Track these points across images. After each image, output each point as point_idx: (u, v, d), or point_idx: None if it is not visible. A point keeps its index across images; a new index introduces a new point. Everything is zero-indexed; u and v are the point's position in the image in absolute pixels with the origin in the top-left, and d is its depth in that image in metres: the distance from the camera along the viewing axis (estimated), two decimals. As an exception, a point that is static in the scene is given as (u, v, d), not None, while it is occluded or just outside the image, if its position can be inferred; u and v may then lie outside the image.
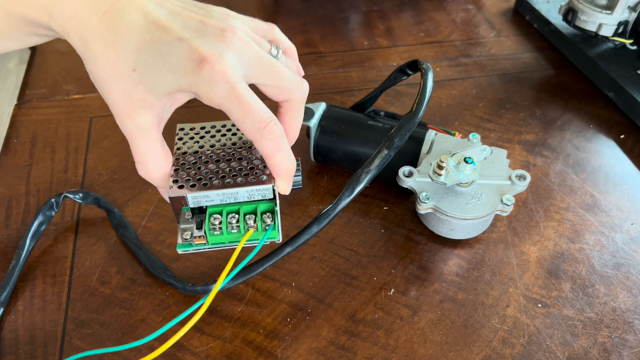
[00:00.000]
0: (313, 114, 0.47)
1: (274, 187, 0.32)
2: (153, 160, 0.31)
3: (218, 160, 0.33)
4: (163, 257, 0.43)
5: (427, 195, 0.42)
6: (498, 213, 0.42)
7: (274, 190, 0.32)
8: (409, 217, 0.47)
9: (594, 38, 0.63)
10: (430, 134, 0.46)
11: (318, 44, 0.67)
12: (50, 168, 0.50)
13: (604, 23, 0.60)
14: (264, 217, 0.33)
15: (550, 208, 0.48)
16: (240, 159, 0.33)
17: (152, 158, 0.31)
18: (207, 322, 0.39)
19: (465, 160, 0.42)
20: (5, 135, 0.54)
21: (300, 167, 0.34)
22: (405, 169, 0.43)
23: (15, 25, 0.33)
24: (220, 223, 0.32)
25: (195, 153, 0.34)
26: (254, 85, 0.33)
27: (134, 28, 0.29)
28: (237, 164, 0.33)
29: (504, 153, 0.45)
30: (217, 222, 0.32)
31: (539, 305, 0.41)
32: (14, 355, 0.37)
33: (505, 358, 0.38)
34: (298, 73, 0.37)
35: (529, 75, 0.63)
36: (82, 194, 0.46)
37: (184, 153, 0.34)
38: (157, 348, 0.30)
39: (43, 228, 0.44)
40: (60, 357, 0.37)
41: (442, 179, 0.42)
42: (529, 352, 0.38)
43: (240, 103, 0.29)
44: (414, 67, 0.47)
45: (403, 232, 0.46)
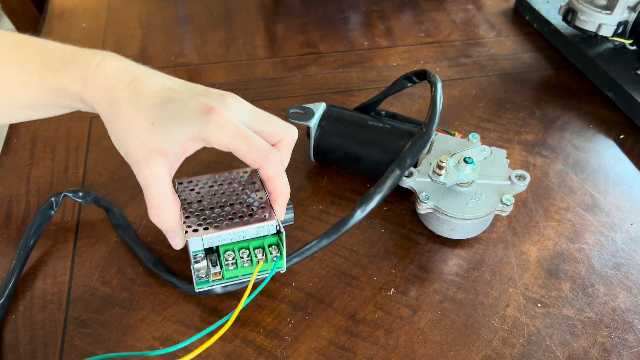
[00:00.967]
0: (313, 114, 0.47)
1: (278, 223, 0.37)
2: (165, 204, 0.35)
3: (222, 206, 0.38)
4: (163, 256, 0.43)
5: (427, 195, 0.42)
6: (498, 213, 0.43)
7: (278, 226, 0.37)
8: (409, 217, 0.47)
9: (594, 38, 0.63)
10: (430, 134, 0.46)
11: (318, 44, 0.67)
12: (51, 168, 0.50)
13: (604, 23, 0.60)
14: (271, 249, 0.37)
15: (550, 208, 0.48)
16: (241, 203, 0.38)
17: (164, 202, 0.35)
18: (207, 321, 0.39)
19: (465, 160, 0.42)
20: (6, 135, 0.54)
21: (292, 205, 0.40)
22: (405, 169, 0.43)
23: (45, 95, 0.38)
24: (234, 259, 0.36)
25: (199, 202, 0.38)
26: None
27: (153, 92, 0.35)
28: (239, 207, 0.38)
29: (504, 153, 0.45)
30: (230, 258, 0.36)
31: (539, 305, 0.41)
32: (14, 355, 0.37)
33: (505, 358, 0.38)
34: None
35: (529, 76, 0.63)
36: (82, 193, 0.46)
37: (189, 203, 0.38)
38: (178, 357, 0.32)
39: (43, 228, 0.44)
40: (61, 357, 0.37)
41: (442, 179, 0.42)
42: (529, 351, 0.38)
43: (246, 139, 0.35)
44: (421, 76, 0.47)
45: (403, 232, 0.46)
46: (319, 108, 0.48)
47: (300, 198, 0.48)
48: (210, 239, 0.35)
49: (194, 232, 0.35)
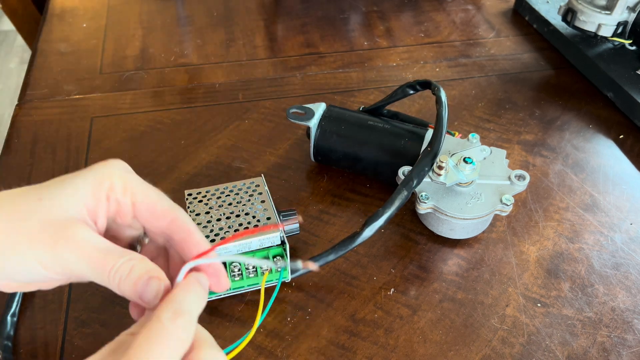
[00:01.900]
0: (313, 114, 0.47)
1: (282, 234, 0.38)
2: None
3: (228, 217, 0.39)
4: (163, 256, 0.43)
5: (426, 195, 0.42)
6: (497, 213, 0.43)
7: (282, 237, 0.38)
8: (409, 217, 0.47)
9: (594, 38, 0.63)
10: (430, 134, 0.46)
11: (318, 44, 0.67)
12: (51, 168, 0.51)
13: (603, 23, 0.60)
14: (275, 259, 0.38)
15: (550, 208, 0.48)
16: (247, 214, 0.40)
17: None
18: (207, 321, 0.39)
19: (465, 160, 0.42)
20: (6, 136, 0.54)
21: (297, 214, 0.42)
22: (405, 169, 0.43)
23: None
24: (239, 270, 0.38)
25: (207, 213, 0.40)
26: None
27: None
28: (245, 219, 0.39)
29: (504, 153, 0.45)
30: (236, 269, 0.38)
31: (539, 305, 0.41)
32: (15, 355, 0.37)
33: (505, 357, 0.38)
34: None
35: (529, 76, 0.63)
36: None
37: (198, 214, 0.40)
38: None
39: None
40: (61, 356, 0.37)
41: (441, 179, 0.42)
42: (529, 351, 0.38)
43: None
44: (425, 86, 0.47)
45: (403, 231, 0.46)
46: (319, 108, 0.48)
47: (300, 198, 0.48)
48: (217, 250, 0.36)
49: None
